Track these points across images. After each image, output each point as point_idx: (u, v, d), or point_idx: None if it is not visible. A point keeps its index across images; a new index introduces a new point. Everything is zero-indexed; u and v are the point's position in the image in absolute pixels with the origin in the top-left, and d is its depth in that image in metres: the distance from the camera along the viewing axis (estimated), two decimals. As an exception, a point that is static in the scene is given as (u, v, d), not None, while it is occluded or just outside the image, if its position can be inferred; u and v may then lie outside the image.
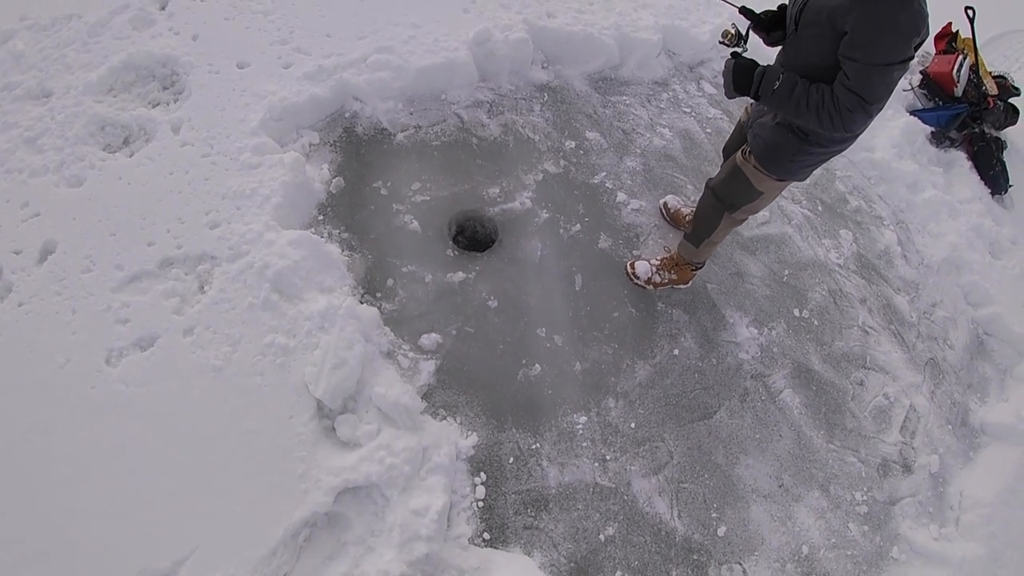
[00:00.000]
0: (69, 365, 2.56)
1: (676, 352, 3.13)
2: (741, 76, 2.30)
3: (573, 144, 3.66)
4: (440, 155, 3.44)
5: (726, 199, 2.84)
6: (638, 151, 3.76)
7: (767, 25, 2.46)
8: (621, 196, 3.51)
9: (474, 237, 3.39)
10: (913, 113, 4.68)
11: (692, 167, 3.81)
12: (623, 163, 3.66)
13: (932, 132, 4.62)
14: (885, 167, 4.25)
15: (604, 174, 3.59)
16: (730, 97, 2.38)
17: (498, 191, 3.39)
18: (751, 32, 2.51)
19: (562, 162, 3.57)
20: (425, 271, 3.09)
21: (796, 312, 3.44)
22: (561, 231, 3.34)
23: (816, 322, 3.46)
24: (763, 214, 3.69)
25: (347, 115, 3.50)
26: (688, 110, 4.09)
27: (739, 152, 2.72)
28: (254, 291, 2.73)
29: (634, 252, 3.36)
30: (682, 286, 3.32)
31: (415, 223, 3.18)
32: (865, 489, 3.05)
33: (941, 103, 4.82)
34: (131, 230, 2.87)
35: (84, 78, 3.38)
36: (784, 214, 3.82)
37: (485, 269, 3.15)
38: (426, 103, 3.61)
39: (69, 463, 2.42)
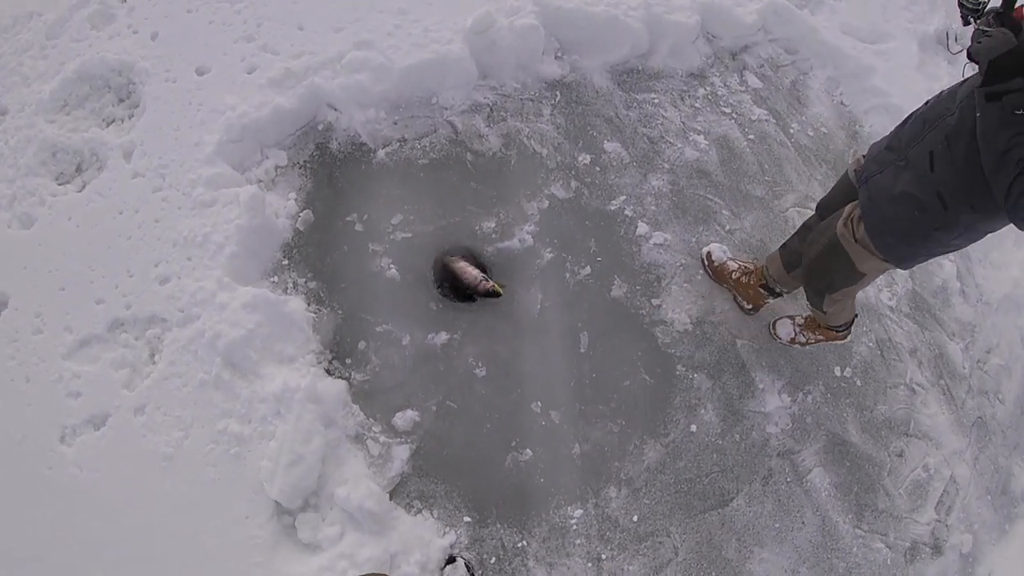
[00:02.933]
0: (26, 442, 2.31)
1: (693, 428, 2.55)
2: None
3: (588, 159, 2.89)
4: (428, 177, 2.78)
5: (820, 278, 2.21)
6: (666, 166, 2.96)
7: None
8: (642, 227, 2.78)
9: (462, 285, 2.73)
10: None
11: (730, 186, 2.99)
12: (647, 182, 2.89)
13: None
14: None
15: (623, 198, 2.84)
16: (989, 83, 1.53)
17: (494, 225, 2.72)
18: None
19: (573, 183, 2.84)
20: (403, 331, 2.53)
21: (837, 371, 2.77)
22: (567, 275, 2.68)
23: (859, 382, 2.81)
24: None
25: (320, 127, 2.82)
26: (728, 110, 3.18)
27: (841, 220, 2.04)
28: (205, 365, 2.29)
29: (653, 301, 2.67)
30: (840, 342, 2.63)
31: (393, 268, 2.60)
32: (891, 579, 2.64)
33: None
34: (80, 284, 2.48)
35: (38, 93, 2.91)
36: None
37: (474, 326, 2.58)
38: (413, 109, 2.88)
39: (28, 546, 2.18)
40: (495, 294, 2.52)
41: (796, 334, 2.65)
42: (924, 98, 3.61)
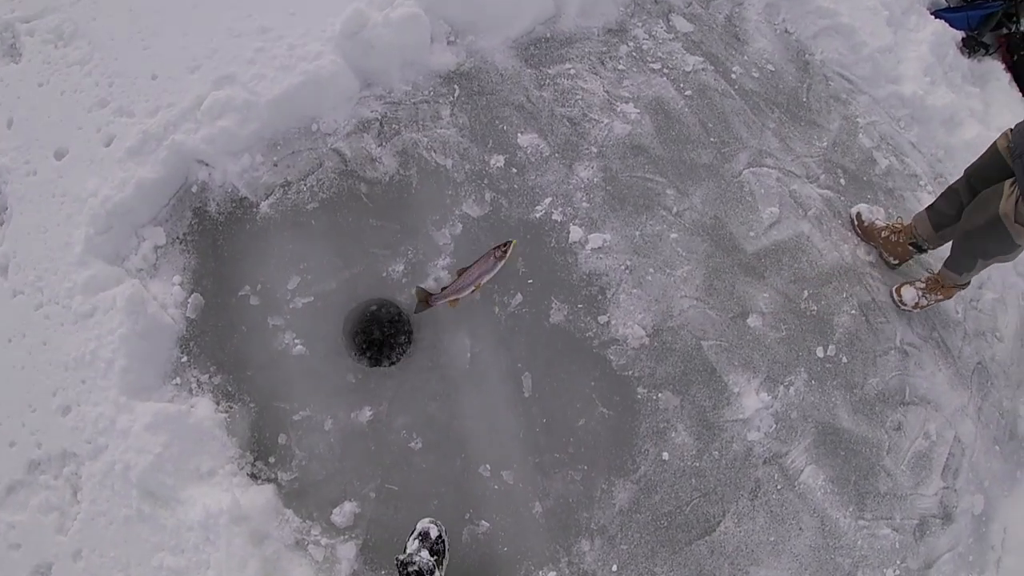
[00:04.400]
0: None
1: (665, 456, 2.16)
2: None
3: (501, 161, 2.38)
4: (321, 223, 2.32)
5: (977, 247, 2.25)
6: (593, 150, 2.44)
7: None
8: (575, 231, 2.29)
9: (380, 344, 2.33)
10: (937, 14, 3.27)
11: (671, 158, 2.49)
12: (573, 175, 2.39)
13: (963, 38, 3.27)
14: (917, 104, 2.86)
15: (548, 200, 2.34)
16: None
17: (403, 266, 2.27)
18: None
19: (488, 195, 2.34)
20: (323, 413, 2.15)
21: (820, 352, 2.36)
22: (496, 309, 2.23)
23: (845, 358, 2.40)
24: (772, 211, 2.51)
25: (194, 190, 2.34)
26: (657, 65, 2.62)
27: (1004, 198, 2.05)
28: (124, 499, 2.00)
29: (600, 319, 2.23)
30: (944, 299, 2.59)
31: (299, 344, 2.21)
32: (898, 562, 2.27)
33: (970, 0, 3.40)
34: (-23, 428, 2.12)
35: None
36: (797, 203, 2.55)
37: (400, 391, 2.19)
38: (293, 143, 2.38)
39: None
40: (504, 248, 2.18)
41: (919, 298, 2.53)
42: (876, 11, 3.11)
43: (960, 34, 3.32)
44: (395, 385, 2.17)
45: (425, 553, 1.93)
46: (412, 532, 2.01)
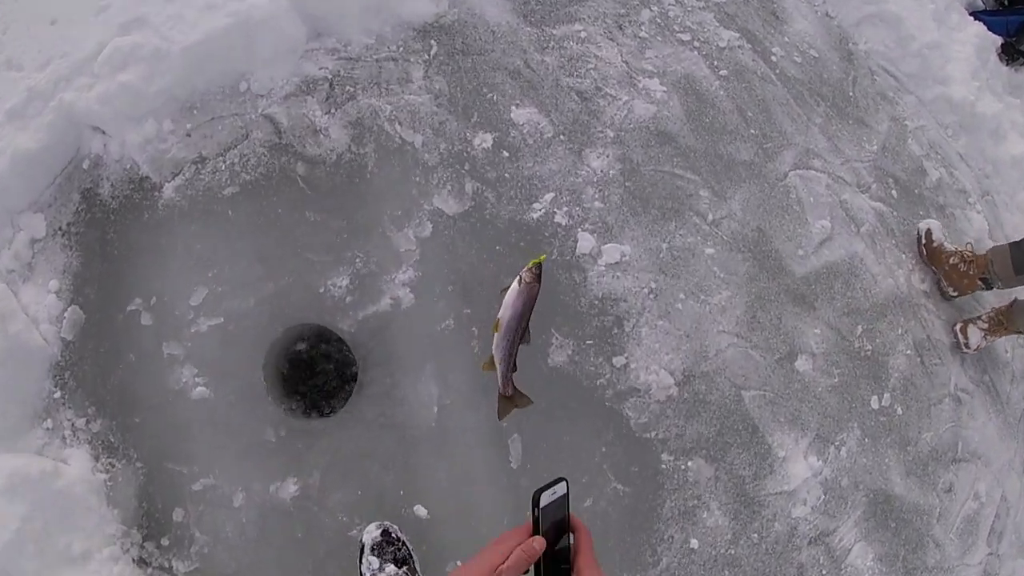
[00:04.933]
0: None
1: (694, 543, 1.45)
2: None
3: (489, 140, 1.59)
4: (240, 215, 1.53)
5: None
6: (609, 134, 1.67)
7: None
8: (585, 240, 1.53)
9: (313, 388, 1.53)
10: (976, 16, 2.64)
11: (704, 150, 1.73)
12: (584, 164, 1.62)
13: (1001, 44, 2.62)
14: (966, 111, 2.19)
15: (550, 196, 1.57)
16: None
17: (347, 279, 1.47)
18: None
19: (469, 184, 1.55)
20: (233, 482, 1.38)
21: (875, 402, 1.70)
22: (474, 344, 1.46)
23: (900, 409, 1.73)
24: (823, 224, 1.75)
25: (85, 165, 1.55)
26: (687, 36, 1.87)
27: None
28: None
29: (615, 360, 1.47)
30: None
31: (202, 382, 1.42)
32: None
33: (1009, 2, 2.78)
34: None
35: None
36: (850, 216, 1.84)
37: (339, 456, 1.41)
38: (213, 107, 1.57)
39: None
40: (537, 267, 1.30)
41: (982, 340, 1.92)
42: (923, 3, 2.45)
43: (999, 39, 2.72)
44: (332, 447, 1.41)
45: (390, 568, 1.24)
46: (360, 552, 1.33)
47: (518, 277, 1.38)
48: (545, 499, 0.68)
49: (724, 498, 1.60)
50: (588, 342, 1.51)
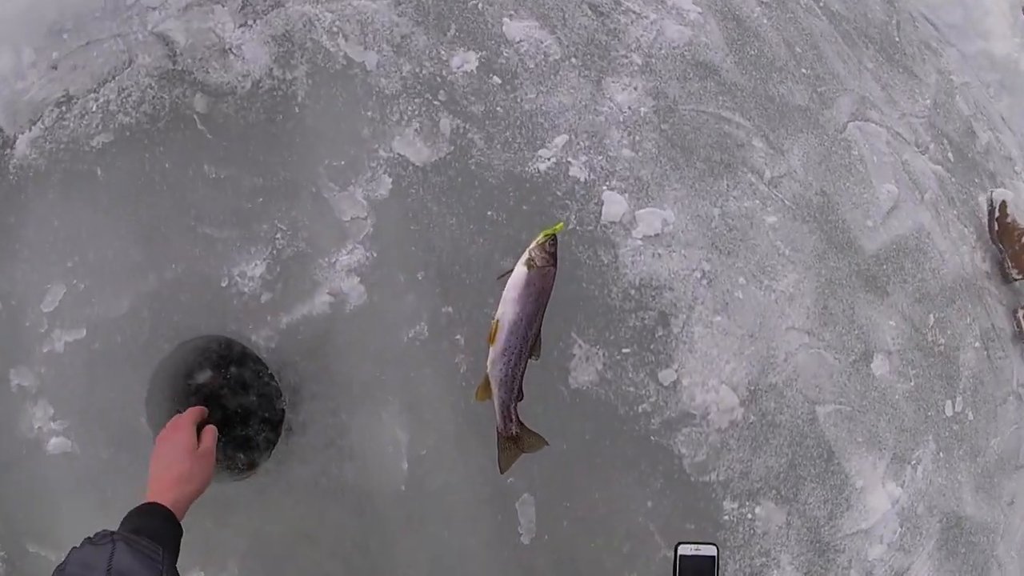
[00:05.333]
0: None
1: None
2: None
3: (473, 62, 0.99)
4: (112, 174, 0.92)
5: None
6: (636, 59, 1.08)
7: None
8: (614, 202, 0.95)
9: (221, 435, 0.82)
10: None
11: (754, 90, 1.18)
12: (606, 99, 1.04)
13: None
14: (1010, 68, 1.75)
15: (563, 140, 0.97)
16: None
17: (263, 267, 0.87)
18: None
19: (447, 123, 0.95)
20: None
21: (948, 408, 1.22)
22: (459, 360, 0.86)
23: (971, 414, 1.27)
24: (889, 189, 1.24)
25: None
26: None
27: None
28: None
29: (660, 375, 0.92)
30: None
31: (60, 429, 0.85)
32: None
33: None
34: None
35: None
36: (913, 180, 1.33)
37: (262, 537, 0.84)
38: (89, 28, 0.95)
39: None
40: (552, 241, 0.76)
41: None
42: None
43: None
44: (252, 524, 0.82)
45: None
46: None
47: (525, 258, 0.77)
48: (686, 550, 0.63)
49: (796, 549, 1.13)
50: (624, 350, 0.93)
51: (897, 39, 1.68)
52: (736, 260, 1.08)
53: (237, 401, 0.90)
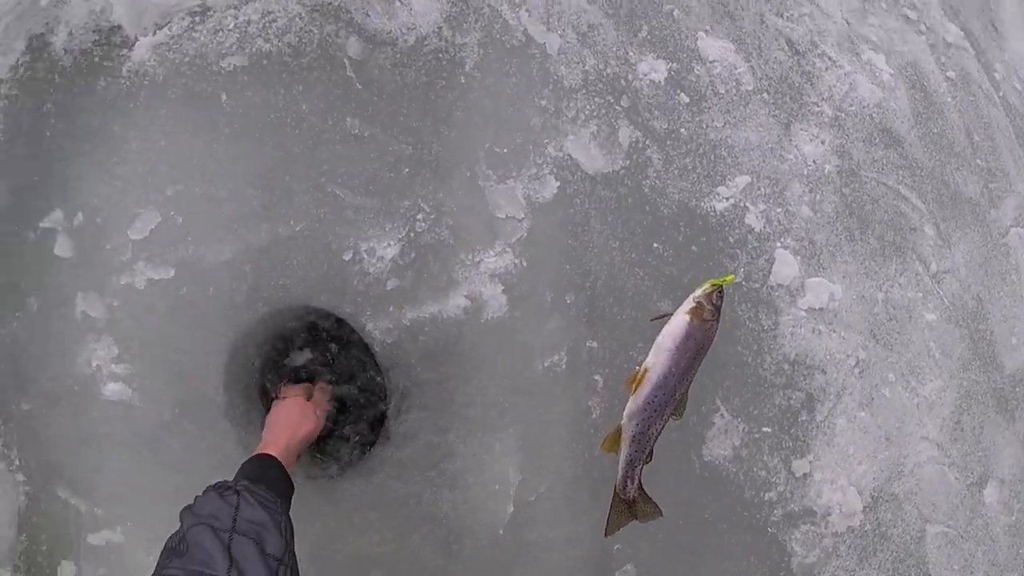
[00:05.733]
0: None
1: None
2: None
3: (662, 72, 0.86)
4: (238, 104, 0.79)
5: None
6: (826, 111, 0.93)
7: None
8: (786, 263, 0.82)
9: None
10: None
11: (933, 170, 1.03)
12: (792, 145, 0.90)
13: None
14: None
15: (745, 181, 0.84)
16: None
17: (397, 249, 0.75)
18: None
19: (626, 133, 0.81)
20: (151, 546, 0.69)
21: None
22: (594, 405, 0.73)
23: None
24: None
25: (44, 1, 0.75)
26: (913, 15, 1.15)
27: None
28: None
29: (794, 465, 0.80)
30: None
31: (122, 374, 0.75)
32: None
33: None
34: None
35: None
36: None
37: (329, 548, 0.71)
38: None
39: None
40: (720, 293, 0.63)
41: None
42: None
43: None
44: (321, 529, 0.69)
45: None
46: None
47: (688, 306, 0.64)
48: None
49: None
50: (765, 429, 0.80)
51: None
52: (890, 354, 0.95)
53: (335, 389, 0.80)
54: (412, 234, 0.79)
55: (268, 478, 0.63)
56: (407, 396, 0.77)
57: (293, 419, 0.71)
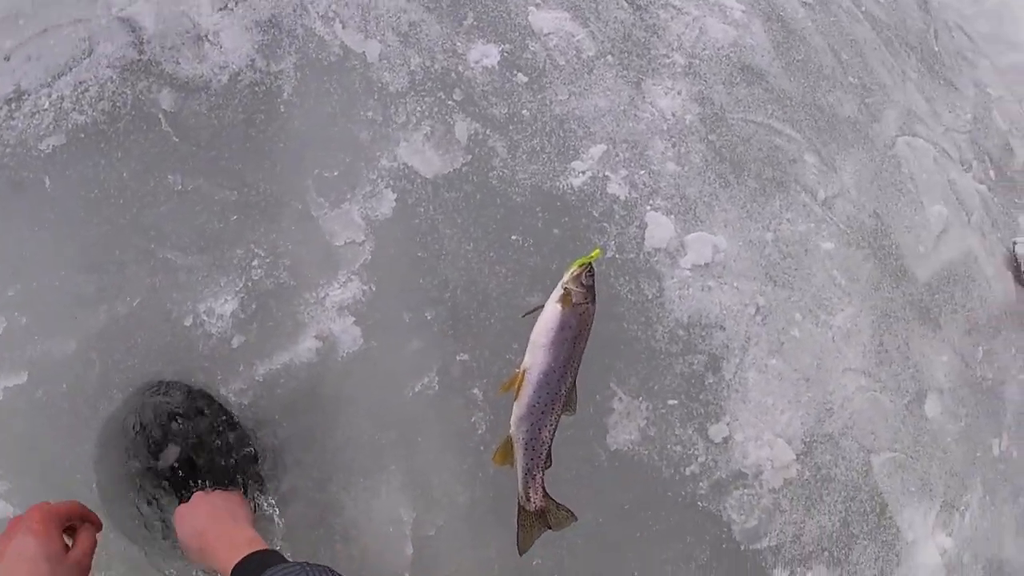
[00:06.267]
0: None
1: None
2: None
3: (494, 56, 0.78)
4: (60, 186, 0.68)
5: None
6: (678, 61, 0.88)
7: None
8: (660, 225, 0.76)
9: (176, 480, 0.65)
10: None
11: (803, 98, 0.98)
12: (647, 103, 0.84)
13: None
14: None
15: (600, 150, 0.78)
16: None
17: (236, 303, 0.66)
18: None
19: (463, 127, 0.75)
20: None
21: (995, 447, 1.06)
22: (478, 420, 0.66)
23: (1015, 452, 1.09)
24: (939, 211, 1.07)
25: None
26: None
27: None
28: None
29: (710, 431, 0.74)
30: None
31: (2, 495, 0.57)
32: None
33: None
34: None
35: None
36: (959, 200, 1.16)
37: None
38: (49, 13, 0.70)
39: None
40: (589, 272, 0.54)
41: None
42: None
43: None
44: None
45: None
46: None
47: (557, 294, 0.56)
48: None
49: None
50: (670, 402, 0.73)
51: (936, 48, 1.49)
52: (792, 293, 0.89)
53: (207, 459, 0.71)
54: (249, 283, 0.71)
55: None
56: (279, 454, 0.69)
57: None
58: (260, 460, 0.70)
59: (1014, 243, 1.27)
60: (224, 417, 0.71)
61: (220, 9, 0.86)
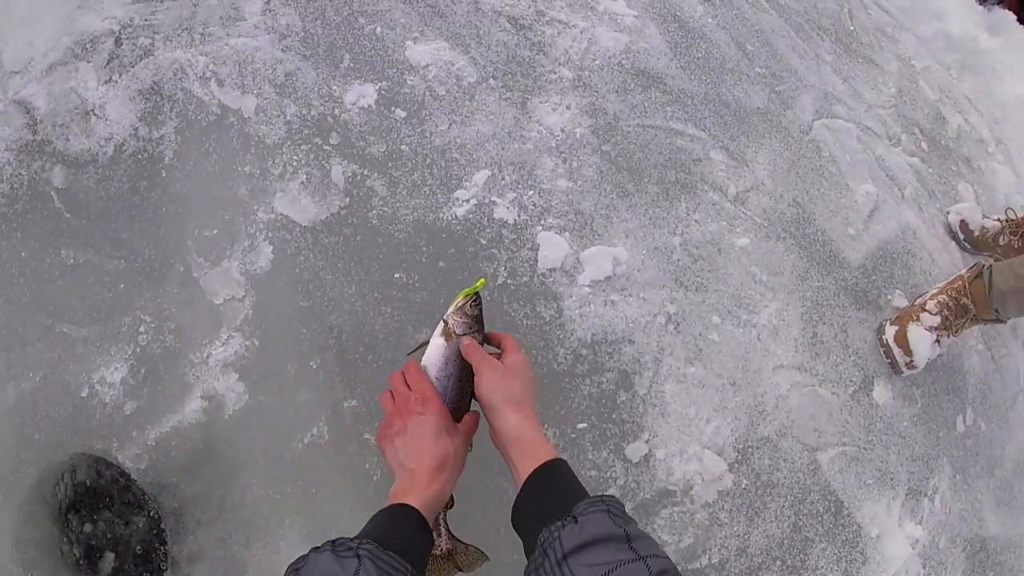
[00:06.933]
0: None
1: None
2: None
3: (371, 95, 0.75)
4: None
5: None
6: (566, 74, 0.84)
7: None
8: (551, 244, 0.71)
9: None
10: None
11: (705, 95, 0.94)
12: (533, 123, 0.80)
13: None
14: (967, 47, 1.49)
15: (484, 176, 0.74)
16: None
17: (126, 370, 0.63)
18: None
19: (339, 171, 0.71)
20: None
21: (960, 423, 0.95)
22: (371, 466, 0.61)
23: (983, 425, 1.00)
24: (867, 190, 0.98)
25: None
26: None
27: None
28: None
29: (627, 450, 0.67)
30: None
31: None
32: None
33: None
34: None
35: None
36: (890, 177, 1.07)
37: None
38: None
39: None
40: (474, 302, 0.54)
41: (939, 337, 0.93)
42: None
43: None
44: None
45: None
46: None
47: (441, 328, 0.54)
48: None
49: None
50: (580, 426, 0.67)
51: (851, 28, 1.44)
52: (707, 296, 0.83)
53: (110, 531, 0.66)
54: (138, 350, 0.67)
55: (402, 539, 0.45)
56: (180, 516, 0.65)
57: (444, 453, 0.50)
58: (163, 524, 0.66)
59: (946, 213, 1.20)
60: (123, 483, 0.67)
61: (105, 82, 0.85)
